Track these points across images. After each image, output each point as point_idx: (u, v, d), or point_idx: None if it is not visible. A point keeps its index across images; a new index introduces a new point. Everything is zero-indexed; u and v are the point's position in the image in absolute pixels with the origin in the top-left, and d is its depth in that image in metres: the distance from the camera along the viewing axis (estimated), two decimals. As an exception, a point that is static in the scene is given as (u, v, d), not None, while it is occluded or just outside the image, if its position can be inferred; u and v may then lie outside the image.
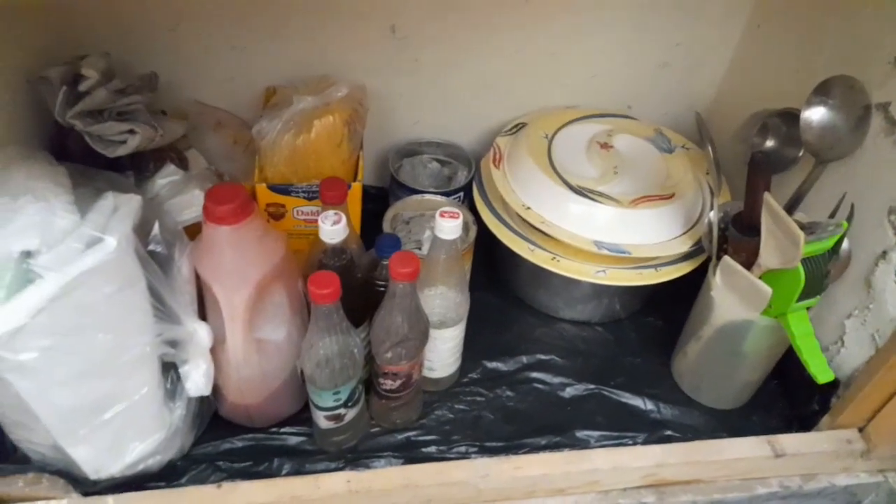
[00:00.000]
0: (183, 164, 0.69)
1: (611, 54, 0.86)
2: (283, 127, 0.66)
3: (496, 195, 0.77)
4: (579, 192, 0.72)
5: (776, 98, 0.72)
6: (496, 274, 0.84)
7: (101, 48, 0.66)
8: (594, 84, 0.88)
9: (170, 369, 0.60)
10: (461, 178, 0.85)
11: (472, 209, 0.78)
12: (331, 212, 0.58)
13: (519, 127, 0.84)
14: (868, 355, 0.63)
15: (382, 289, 0.63)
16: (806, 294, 0.58)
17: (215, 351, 0.60)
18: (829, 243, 0.57)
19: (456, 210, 0.59)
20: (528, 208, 0.73)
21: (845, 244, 0.61)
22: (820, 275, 0.58)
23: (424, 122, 0.89)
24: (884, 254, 0.60)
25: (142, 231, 0.53)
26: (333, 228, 0.57)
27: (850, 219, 0.59)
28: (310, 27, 0.78)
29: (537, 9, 0.80)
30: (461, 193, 0.83)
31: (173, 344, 0.57)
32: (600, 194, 0.72)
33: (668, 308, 0.79)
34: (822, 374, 0.58)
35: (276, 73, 0.79)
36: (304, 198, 0.70)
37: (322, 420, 0.63)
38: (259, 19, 0.76)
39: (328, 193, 0.61)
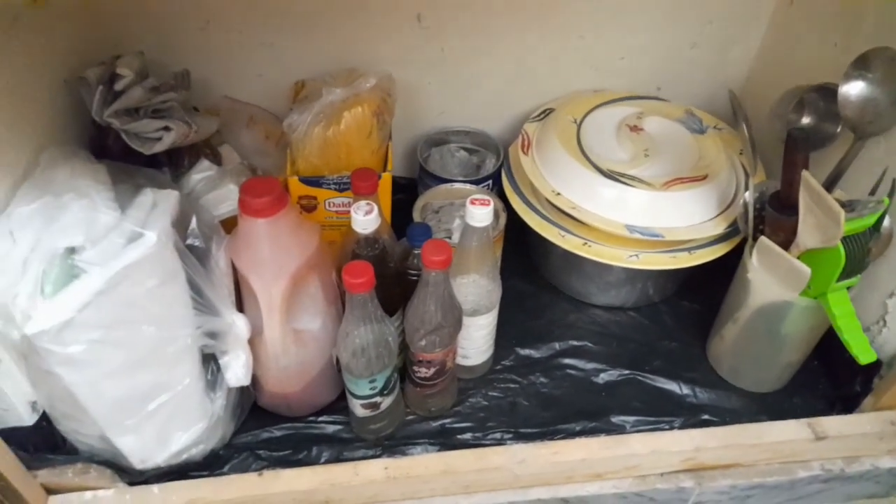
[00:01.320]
0: (217, 159, 0.70)
1: (639, 36, 0.85)
2: (314, 119, 0.67)
3: (525, 182, 0.76)
4: (610, 175, 0.71)
5: (812, 73, 0.70)
6: (528, 261, 0.84)
7: (134, 48, 0.68)
8: (623, 66, 0.87)
9: (210, 361, 0.61)
10: (490, 165, 0.85)
11: (502, 196, 0.78)
12: (363, 202, 0.59)
13: (547, 112, 0.84)
14: (913, 335, 0.61)
15: (415, 278, 0.63)
16: (846, 273, 0.57)
17: (253, 342, 0.61)
18: (871, 220, 0.55)
19: (486, 197, 0.59)
20: (559, 194, 0.72)
21: (887, 221, 0.60)
22: (861, 253, 0.57)
23: (452, 110, 0.89)
24: (927, 230, 0.59)
25: (180, 226, 0.54)
26: (366, 218, 0.58)
27: (891, 195, 0.58)
28: (337, 21, 0.78)
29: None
30: (490, 181, 0.83)
31: (213, 335, 0.58)
32: (631, 178, 0.72)
33: (703, 291, 0.78)
34: (864, 354, 0.56)
35: (305, 68, 0.79)
36: (336, 189, 0.71)
37: (359, 408, 0.64)
38: (287, 15, 0.77)
39: (360, 184, 0.61)
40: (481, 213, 0.59)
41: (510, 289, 0.68)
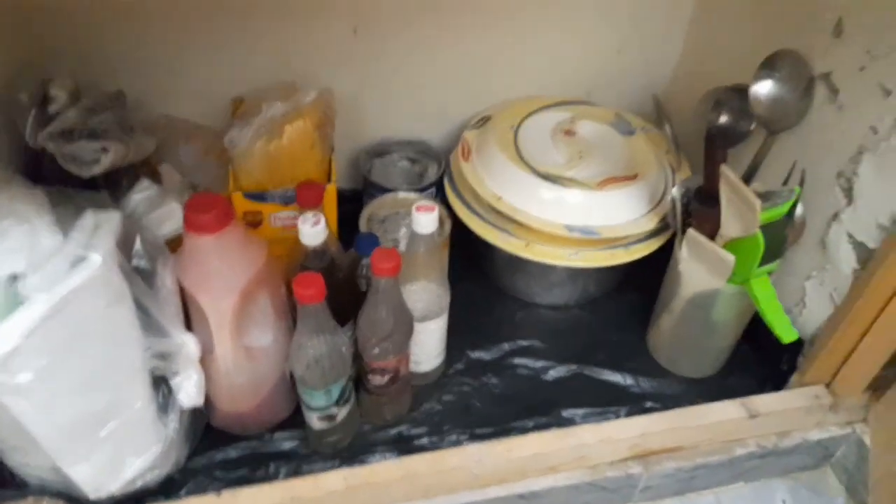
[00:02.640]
0: (156, 178, 0.69)
1: (569, 44, 0.89)
2: (255, 134, 0.67)
3: (467, 188, 0.79)
4: (548, 178, 0.74)
5: (729, 75, 0.75)
6: (474, 265, 0.86)
7: (67, 69, 0.66)
8: (555, 73, 0.91)
9: (160, 383, 0.60)
10: (432, 174, 0.87)
11: (445, 203, 0.80)
12: (309, 214, 0.59)
13: (485, 120, 0.86)
14: (828, 314, 0.66)
15: (365, 287, 0.64)
16: (766, 259, 0.62)
17: (204, 361, 0.61)
18: (784, 209, 0.60)
19: (431, 204, 0.61)
20: (500, 198, 0.75)
21: (799, 209, 0.65)
22: (778, 240, 0.62)
23: (392, 121, 0.90)
24: (835, 215, 0.64)
25: (124, 247, 0.54)
26: (313, 230, 0.59)
27: (801, 184, 0.63)
28: (272, 36, 0.78)
29: (495, 4, 0.82)
30: (433, 189, 0.84)
31: (163, 357, 0.58)
32: (568, 179, 0.75)
33: (641, 285, 0.82)
34: (786, 334, 0.61)
35: (243, 83, 0.79)
36: (281, 203, 0.71)
37: (315, 421, 0.64)
38: (222, 31, 0.77)
39: (305, 196, 0.62)
40: (427, 220, 0.61)
41: (458, 293, 0.70)
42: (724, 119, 0.71)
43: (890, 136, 0.58)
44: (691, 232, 0.66)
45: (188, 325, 0.61)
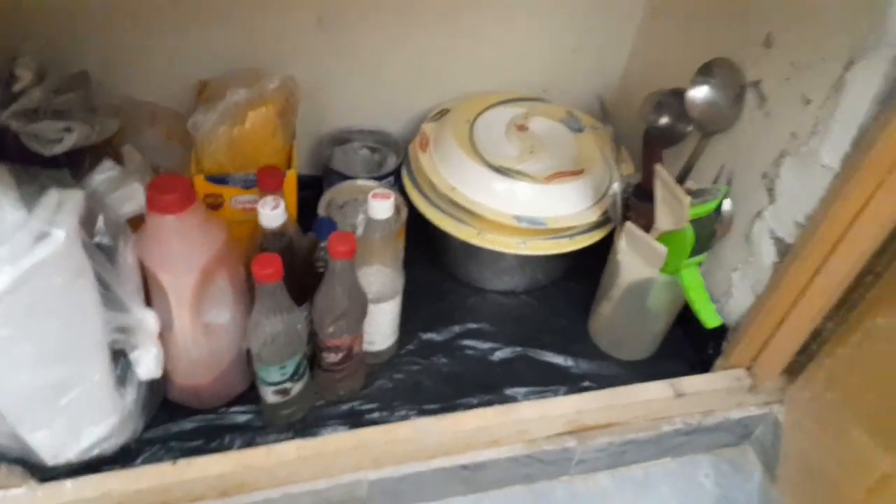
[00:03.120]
0: (119, 159, 0.71)
1: (527, 42, 0.93)
2: (219, 119, 0.70)
3: (424, 178, 0.82)
4: (500, 171, 0.78)
5: (671, 78, 0.80)
6: (429, 252, 0.90)
7: (32, 48, 0.67)
8: (512, 69, 0.95)
9: (119, 356, 0.63)
10: (391, 163, 0.90)
11: (402, 192, 0.83)
12: (269, 198, 0.62)
13: (443, 113, 0.90)
14: (750, 303, 0.72)
15: (322, 269, 0.67)
16: (696, 251, 0.67)
17: (163, 336, 0.63)
18: (712, 206, 0.65)
19: (387, 192, 0.64)
20: (454, 189, 0.79)
21: (728, 206, 0.70)
22: (707, 233, 0.67)
23: (354, 110, 0.93)
24: (759, 213, 0.69)
25: (87, 224, 0.56)
26: (273, 213, 0.61)
27: (729, 183, 0.68)
28: (238, 21, 0.80)
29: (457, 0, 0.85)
30: (391, 178, 0.88)
31: (122, 331, 0.60)
32: (519, 172, 0.79)
33: (586, 274, 0.87)
34: (710, 320, 0.66)
35: (208, 67, 0.81)
36: (242, 187, 0.73)
37: (270, 395, 0.67)
38: (187, 14, 0.78)
39: (265, 181, 0.65)
40: (382, 207, 0.64)
41: (413, 278, 0.74)
42: (664, 120, 0.76)
43: (808, 141, 0.63)
44: (629, 224, 0.71)
45: (148, 302, 0.63)
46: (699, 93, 0.71)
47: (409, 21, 0.86)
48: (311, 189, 0.89)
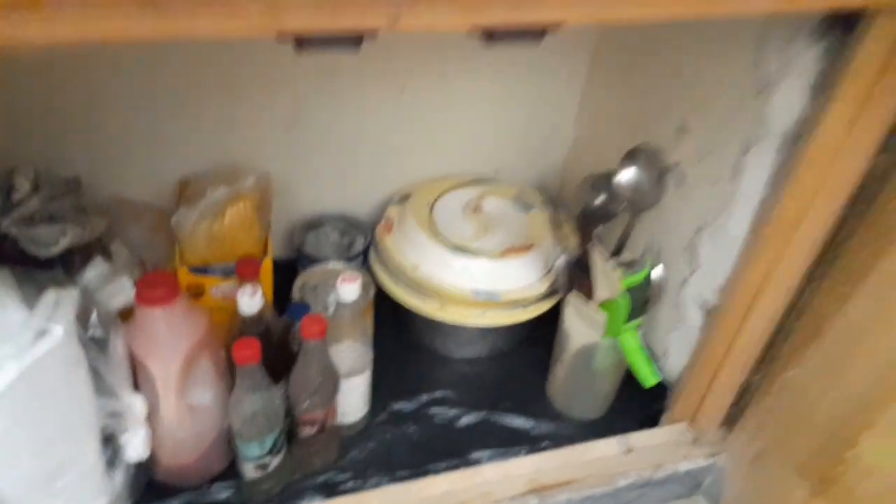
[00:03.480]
0: (108, 255, 0.78)
1: (480, 127, 1.03)
2: (200, 216, 0.77)
3: (390, 257, 0.90)
4: (458, 249, 0.86)
5: (608, 161, 0.90)
6: (397, 325, 0.96)
7: (26, 156, 0.75)
8: (468, 154, 1.05)
9: (109, 440, 0.68)
10: (359, 245, 0.98)
11: (370, 271, 0.91)
12: (248, 286, 0.69)
13: (406, 197, 0.98)
14: (686, 362, 0.80)
15: (297, 348, 0.74)
16: (632, 316, 0.75)
17: (150, 419, 0.68)
18: (642, 276, 0.74)
19: (355, 274, 0.71)
20: (417, 267, 0.86)
21: (660, 274, 0.79)
22: (641, 300, 0.75)
23: (324, 197, 1.02)
24: (685, 280, 0.78)
25: (82, 319, 0.62)
26: (251, 301, 0.68)
27: (658, 255, 0.77)
28: (215, 124, 0.89)
29: (413, 95, 0.95)
30: (360, 257, 0.95)
31: (113, 416, 0.65)
32: (475, 250, 0.87)
33: (542, 339, 0.93)
34: (647, 379, 0.74)
35: (189, 165, 0.89)
36: (221, 276, 0.80)
37: (250, 470, 0.72)
38: (168, 120, 0.87)
39: (244, 271, 0.72)
40: (349, 290, 0.71)
41: (382, 351, 0.80)
42: (599, 200, 0.86)
43: (719, 216, 0.73)
44: (572, 295, 0.79)
45: (136, 386, 0.68)
46: (626, 175, 0.81)
47: (371, 115, 0.96)
48: (287, 271, 0.96)
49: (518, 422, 0.86)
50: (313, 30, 0.39)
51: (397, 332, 0.96)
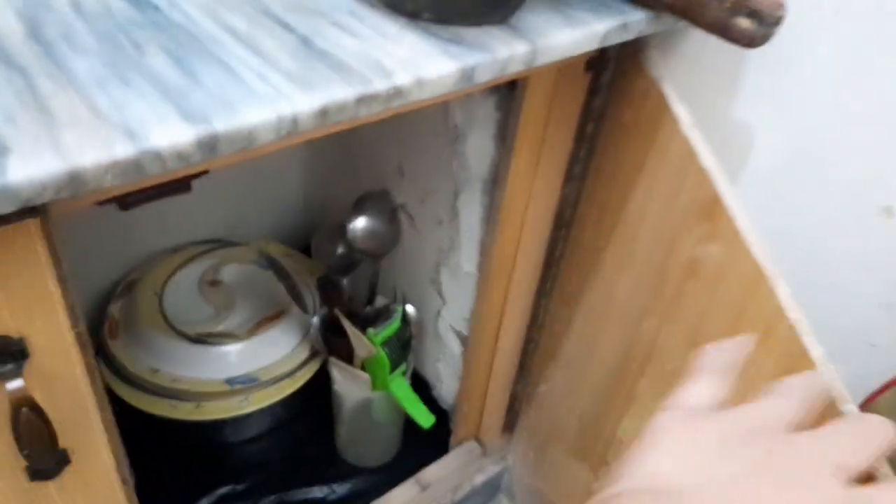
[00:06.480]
0: None
1: (207, 185, 0.93)
2: None
3: (122, 366, 0.79)
4: (199, 340, 0.78)
5: (339, 212, 0.87)
6: (152, 434, 0.85)
7: None
8: (195, 216, 0.94)
9: None
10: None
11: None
12: None
13: (130, 286, 0.86)
14: (457, 386, 0.82)
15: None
16: (395, 366, 0.74)
17: None
18: (394, 326, 0.73)
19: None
20: (157, 370, 0.77)
21: (413, 313, 0.79)
22: (400, 348, 0.75)
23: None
24: (438, 312, 0.80)
25: None
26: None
27: (405, 297, 0.77)
28: None
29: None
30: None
31: None
32: (220, 335, 0.80)
33: (326, 395, 0.90)
34: (424, 421, 0.74)
35: None
36: None
37: None
38: None
39: None
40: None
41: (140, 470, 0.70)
42: (340, 250, 0.83)
43: (451, 253, 0.74)
44: (332, 359, 0.76)
45: None
46: (359, 223, 0.78)
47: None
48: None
49: (315, 492, 0.82)
50: None
51: (156, 443, 0.84)
